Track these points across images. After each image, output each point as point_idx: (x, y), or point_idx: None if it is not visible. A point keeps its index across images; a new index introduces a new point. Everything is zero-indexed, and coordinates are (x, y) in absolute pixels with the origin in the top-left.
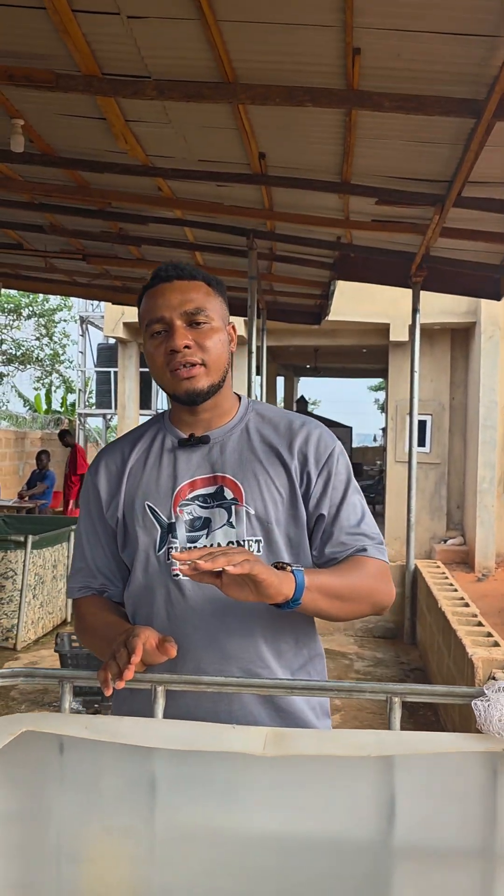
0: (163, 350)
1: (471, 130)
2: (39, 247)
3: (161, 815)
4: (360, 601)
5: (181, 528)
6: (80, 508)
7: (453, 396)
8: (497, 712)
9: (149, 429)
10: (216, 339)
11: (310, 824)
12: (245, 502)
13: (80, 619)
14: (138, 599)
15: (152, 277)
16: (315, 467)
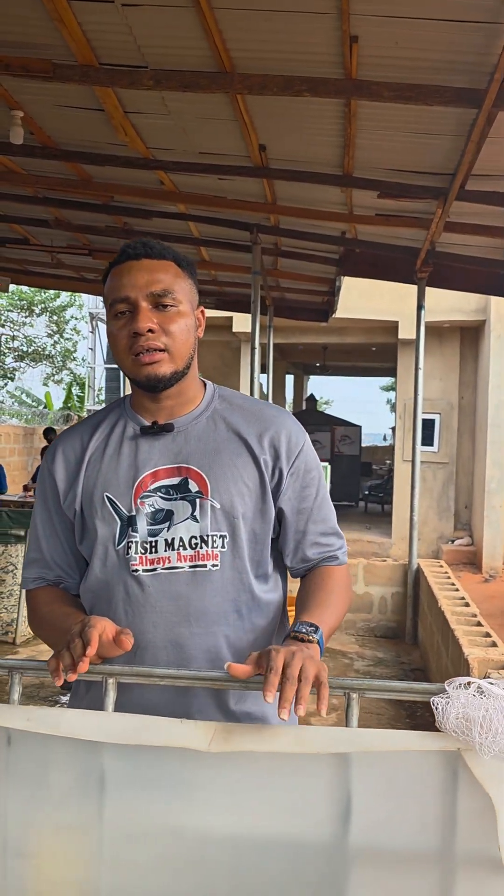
0: (126, 332)
1: (472, 121)
2: (45, 242)
3: (110, 811)
4: (341, 616)
5: (142, 520)
6: (37, 497)
7: (462, 395)
8: (455, 710)
9: (108, 415)
10: (182, 324)
11: (263, 823)
12: (210, 496)
13: (33, 610)
14: (96, 594)
15: (119, 253)
16: (287, 462)
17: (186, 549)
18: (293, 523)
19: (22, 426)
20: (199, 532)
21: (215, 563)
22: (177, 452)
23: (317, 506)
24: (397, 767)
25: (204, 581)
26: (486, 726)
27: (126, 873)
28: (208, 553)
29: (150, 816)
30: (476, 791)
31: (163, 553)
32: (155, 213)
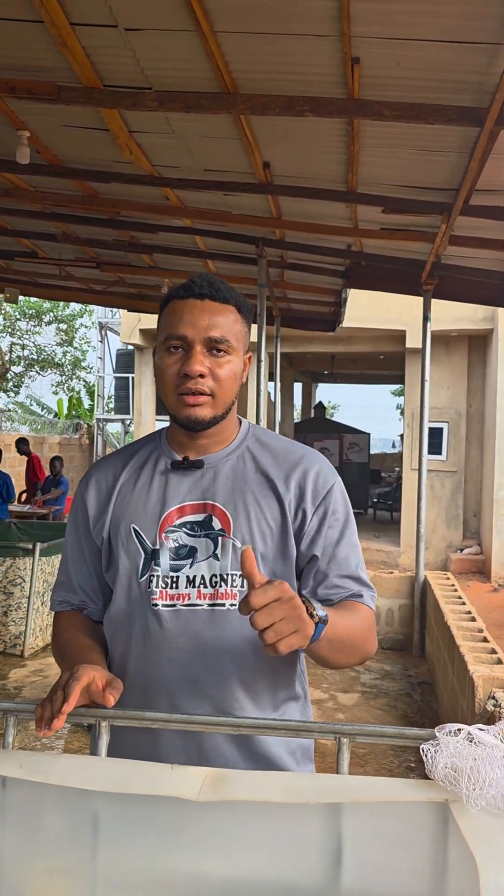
0: (176, 370)
1: (475, 138)
2: (54, 255)
3: (104, 854)
4: (354, 653)
5: (165, 555)
6: (68, 522)
7: (470, 404)
8: (443, 759)
9: (143, 447)
10: (231, 372)
11: (255, 868)
12: (232, 534)
13: (54, 635)
14: (117, 625)
15: (184, 287)
16: (312, 504)
17: (206, 588)
18: (314, 565)
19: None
20: (220, 571)
21: (234, 602)
22: (205, 489)
23: (340, 548)
24: (389, 815)
25: (222, 620)
26: (474, 778)
27: None
28: (227, 592)
29: (143, 860)
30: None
31: (183, 590)
32: (161, 227)
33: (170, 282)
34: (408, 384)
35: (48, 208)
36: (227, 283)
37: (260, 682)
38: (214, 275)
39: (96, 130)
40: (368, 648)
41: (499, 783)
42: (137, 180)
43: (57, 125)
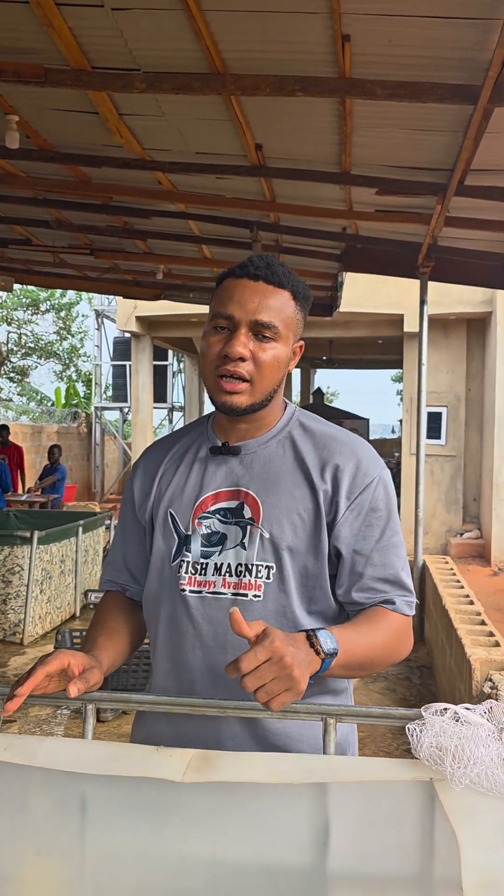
0: (218, 349)
1: (469, 117)
2: (47, 242)
3: (91, 836)
4: (373, 669)
5: (196, 541)
6: (122, 501)
7: (469, 388)
8: (428, 739)
9: (191, 431)
10: (275, 359)
11: (241, 849)
12: (261, 524)
13: (96, 612)
14: (149, 607)
15: (241, 266)
16: (346, 497)
17: (231, 576)
18: (349, 564)
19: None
20: (245, 560)
21: (257, 593)
22: (240, 476)
23: (379, 549)
24: (375, 794)
25: (245, 611)
26: (459, 756)
27: None
28: (251, 583)
29: (131, 842)
30: None
31: (210, 577)
32: (154, 212)
33: (165, 268)
34: (406, 369)
35: (40, 194)
36: (286, 267)
37: None
38: (272, 257)
39: (86, 114)
40: (394, 657)
41: (483, 761)
42: (129, 164)
43: (46, 109)
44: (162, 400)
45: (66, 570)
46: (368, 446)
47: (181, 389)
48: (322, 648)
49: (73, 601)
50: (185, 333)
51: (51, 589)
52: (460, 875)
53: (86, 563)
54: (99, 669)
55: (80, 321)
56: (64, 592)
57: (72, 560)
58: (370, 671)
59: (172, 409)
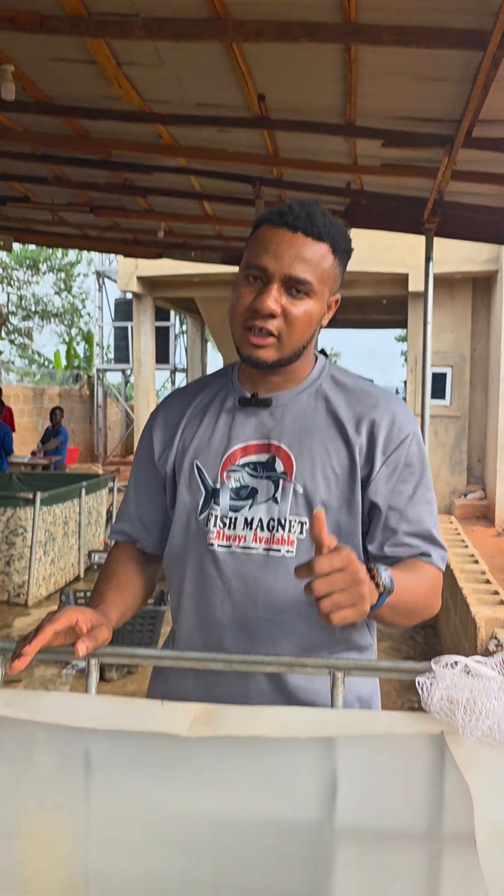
0: (248, 301)
1: (477, 64)
2: (46, 200)
3: (96, 791)
4: (414, 617)
5: (225, 494)
6: (135, 453)
7: (474, 348)
8: (439, 691)
9: (214, 380)
10: (307, 315)
11: (248, 803)
12: (294, 478)
13: (104, 564)
14: (173, 561)
15: (280, 213)
16: (382, 453)
17: (263, 531)
18: (382, 519)
19: (31, 387)
20: (278, 515)
21: (290, 549)
22: (271, 429)
23: (412, 504)
24: (383, 748)
25: (277, 566)
26: (470, 709)
27: (113, 852)
28: (284, 538)
29: (136, 796)
30: None
31: (240, 531)
32: (155, 167)
33: (166, 226)
34: (411, 328)
35: (38, 149)
36: (329, 215)
37: (313, 631)
38: (315, 203)
39: (84, 64)
40: (431, 611)
41: (495, 713)
42: (128, 117)
43: (42, 59)
44: (164, 361)
45: (69, 532)
46: (402, 402)
47: (184, 351)
48: (382, 581)
49: (76, 562)
50: (188, 294)
51: (54, 550)
52: (470, 828)
53: (89, 524)
54: (108, 626)
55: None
56: (68, 554)
57: (75, 521)
58: (410, 620)
59: (175, 371)
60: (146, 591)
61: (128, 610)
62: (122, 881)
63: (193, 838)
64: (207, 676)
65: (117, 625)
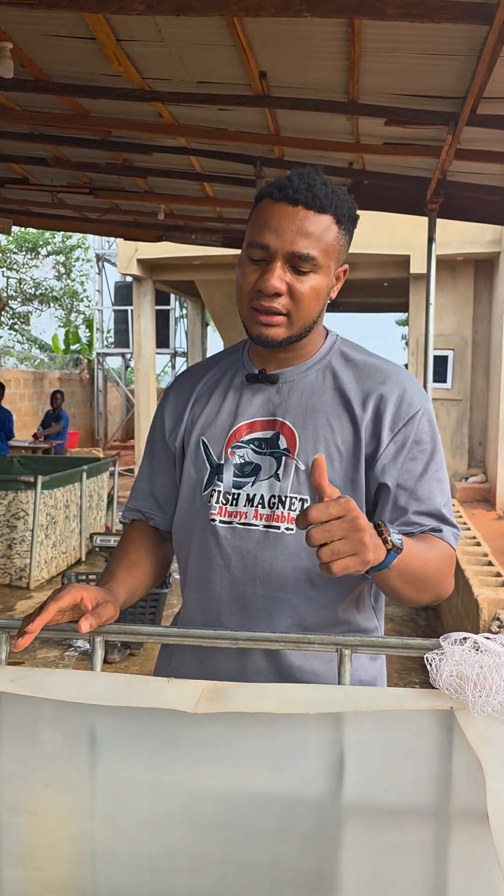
0: (252, 280)
1: (483, 39)
2: (45, 181)
3: (101, 767)
4: (426, 590)
5: (229, 471)
6: (150, 428)
7: (476, 330)
8: (448, 668)
9: (226, 357)
10: (314, 291)
11: (254, 779)
12: (297, 455)
13: (118, 543)
14: (179, 537)
15: (279, 187)
16: (390, 430)
17: (264, 508)
18: (392, 499)
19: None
20: (279, 492)
21: (290, 526)
22: (276, 405)
23: (423, 483)
24: (391, 724)
25: (276, 543)
26: (480, 685)
27: (118, 829)
28: (283, 515)
29: (141, 773)
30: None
31: (242, 507)
32: (155, 147)
33: (166, 208)
34: (412, 311)
35: (37, 129)
36: (331, 184)
37: (313, 612)
38: (316, 173)
39: (83, 40)
40: (444, 588)
41: None
42: (128, 95)
43: (41, 35)
44: (164, 345)
45: (70, 516)
46: (413, 377)
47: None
48: (391, 538)
49: (78, 546)
50: (188, 277)
51: (56, 534)
52: (478, 805)
53: (90, 508)
54: (114, 604)
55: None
56: (69, 537)
57: (76, 505)
58: (420, 593)
59: (175, 355)
60: (159, 570)
61: (138, 588)
62: (129, 858)
63: (199, 815)
64: (205, 654)
65: (125, 603)
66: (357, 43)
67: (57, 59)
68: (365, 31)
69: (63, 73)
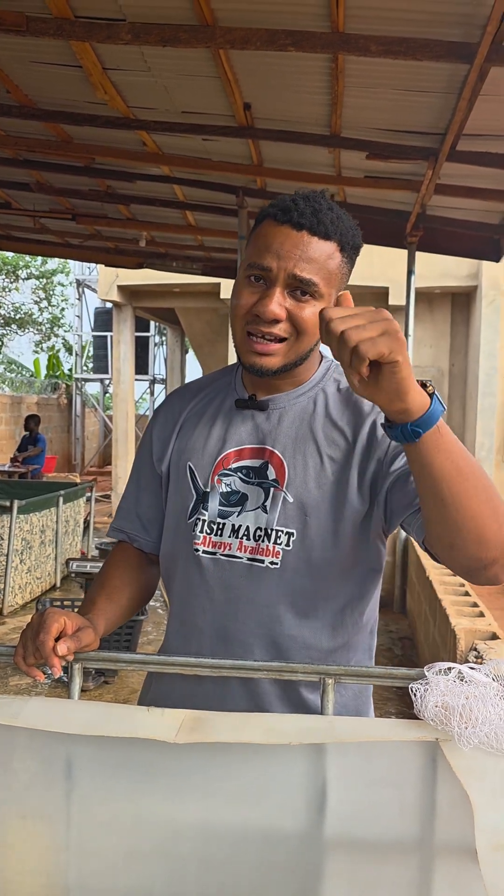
0: (250, 303)
1: (463, 77)
2: (28, 206)
3: (77, 798)
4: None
5: (214, 499)
6: (138, 448)
7: (453, 363)
8: (434, 698)
9: (218, 379)
10: (314, 317)
11: (234, 812)
12: (285, 486)
13: (102, 566)
14: (165, 563)
15: (284, 209)
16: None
17: (249, 540)
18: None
19: (9, 395)
20: (266, 524)
21: (275, 560)
22: (266, 433)
23: None
24: (374, 755)
25: (259, 577)
26: (466, 716)
27: (94, 861)
28: (268, 549)
29: (119, 804)
30: (456, 779)
31: (227, 538)
32: (138, 175)
33: (148, 235)
34: None
35: (20, 154)
36: (336, 209)
37: (297, 649)
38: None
39: (69, 68)
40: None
41: (491, 721)
42: (113, 123)
43: (27, 62)
44: (143, 372)
45: (46, 541)
46: None
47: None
48: (435, 392)
49: (53, 571)
50: (168, 304)
51: (31, 559)
52: (462, 838)
53: (66, 533)
54: (94, 631)
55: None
56: (44, 563)
57: (52, 530)
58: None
59: (154, 382)
60: (141, 597)
61: (118, 618)
62: (104, 892)
63: (178, 848)
64: (184, 684)
65: (105, 633)
66: (340, 78)
67: (43, 85)
68: (348, 66)
69: (48, 100)
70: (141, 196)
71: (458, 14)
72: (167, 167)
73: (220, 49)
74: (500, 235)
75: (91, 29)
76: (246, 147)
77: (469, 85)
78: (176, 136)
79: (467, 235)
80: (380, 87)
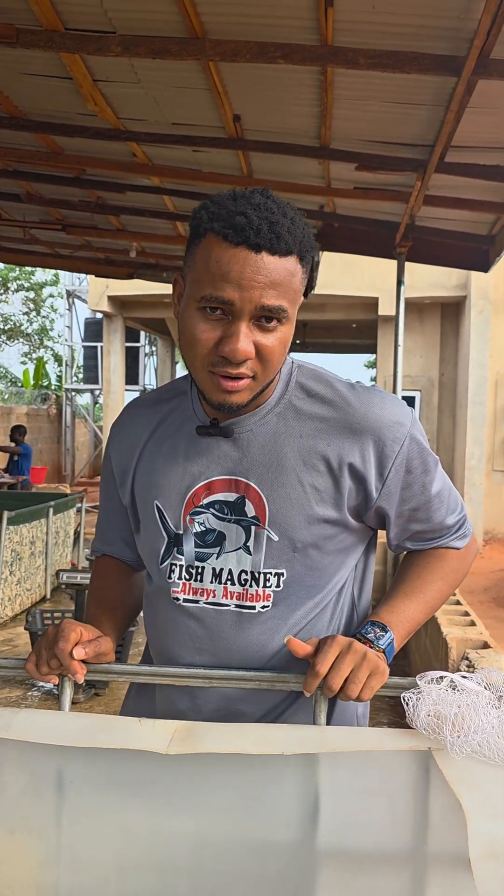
0: (212, 340)
1: (451, 90)
2: (18, 217)
3: (68, 812)
4: (443, 599)
5: (189, 541)
6: (101, 469)
7: (443, 372)
8: (426, 707)
9: (171, 398)
10: (282, 344)
11: (226, 823)
12: (268, 524)
13: (91, 577)
14: (148, 598)
15: (235, 228)
16: (378, 478)
17: (234, 585)
18: (395, 525)
19: None
20: (251, 567)
21: (266, 603)
22: (236, 462)
23: (421, 506)
24: (367, 765)
25: (250, 623)
26: (458, 724)
27: (85, 875)
28: (258, 593)
29: (109, 816)
30: (449, 788)
31: (208, 585)
32: (128, 186)
33: (138, 245)
34: (380, 352)
35: (10, 165)
36: (287, 210)
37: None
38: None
39: (59, 80)
40: (454, 587)
41: (483, 730)
42: (103, 134)
43: (17, 73)
44: (134, 382)
45: (36, 552)
46: (388, 400)
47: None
48: (377, 645)
49: (43, 583)
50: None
51: (21, 570)
52: (455, 848)
53: (57, 544)
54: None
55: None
56: (34, 574)
57: (42, 541)
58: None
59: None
60: (137, 604)
61: (122, 632)
62: None
63: (170, 860)
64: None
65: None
66: (330, 90)
67: (33, 96)
68: (338, 79)
69: (39, 111)
70: (131, 207)
71: (445, 28)
72: (157, 178)
73: (210, 61)
74: (488, 246)
75: (81, 41)
76: (236, 158)
77: (457, 97)
78: (166, 147)
79: (456, 246)
80: (369, 99)
